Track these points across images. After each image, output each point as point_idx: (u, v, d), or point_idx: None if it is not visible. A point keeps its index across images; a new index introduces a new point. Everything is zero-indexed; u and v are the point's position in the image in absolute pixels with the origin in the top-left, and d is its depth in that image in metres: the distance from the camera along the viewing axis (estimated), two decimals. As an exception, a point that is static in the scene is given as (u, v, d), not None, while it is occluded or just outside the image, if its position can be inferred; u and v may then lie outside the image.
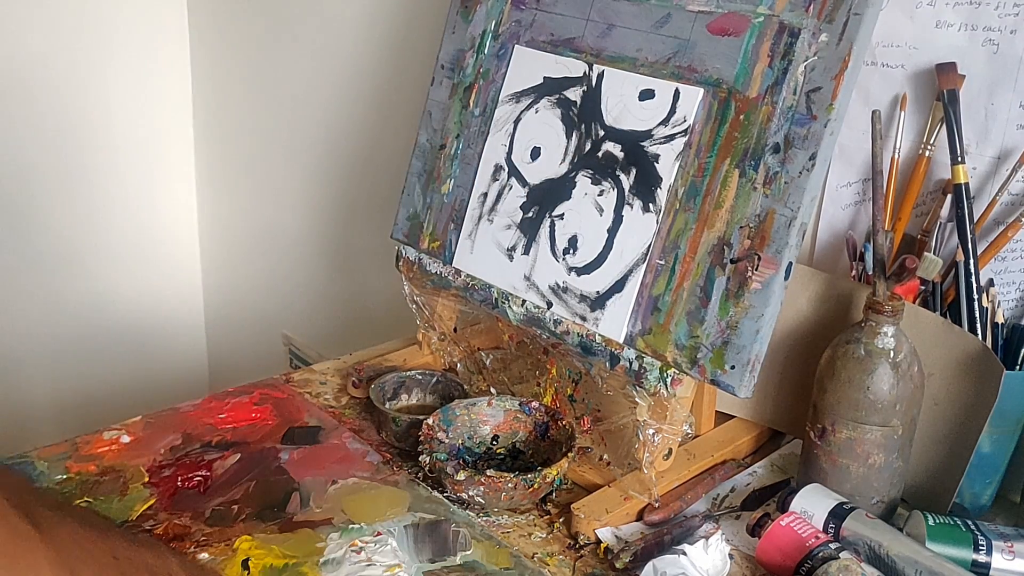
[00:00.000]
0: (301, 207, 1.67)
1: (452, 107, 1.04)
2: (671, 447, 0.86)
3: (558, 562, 0.79)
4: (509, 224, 0.97)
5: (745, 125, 0.82)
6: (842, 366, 0.79)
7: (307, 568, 0.75)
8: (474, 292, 0.99)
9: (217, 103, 1.85)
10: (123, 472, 0.87)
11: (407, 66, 1.38)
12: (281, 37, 1.62)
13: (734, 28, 0.84)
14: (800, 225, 0.78)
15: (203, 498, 0.84)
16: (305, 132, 1.62)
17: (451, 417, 0.90)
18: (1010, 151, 0.86)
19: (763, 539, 0.76)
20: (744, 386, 0.79)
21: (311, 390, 1.03)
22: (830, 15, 0.78)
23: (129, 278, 1.90)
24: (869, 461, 0.80)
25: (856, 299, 0.88)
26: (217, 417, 0.96)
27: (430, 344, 1.08)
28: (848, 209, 0.98)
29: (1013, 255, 0.87)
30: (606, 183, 0.90)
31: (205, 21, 1.81)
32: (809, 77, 0.79)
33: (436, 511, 0.83)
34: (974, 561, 0.74)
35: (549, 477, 0.83)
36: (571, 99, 0.94)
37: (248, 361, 1.89)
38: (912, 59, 0.91)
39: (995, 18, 0.85)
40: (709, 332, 0.81)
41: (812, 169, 0.78)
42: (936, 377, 0.83)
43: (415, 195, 1.07)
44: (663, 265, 0.85)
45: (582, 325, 0.90)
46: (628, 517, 0.83)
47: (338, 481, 0.87)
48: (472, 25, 1.04)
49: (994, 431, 0.81)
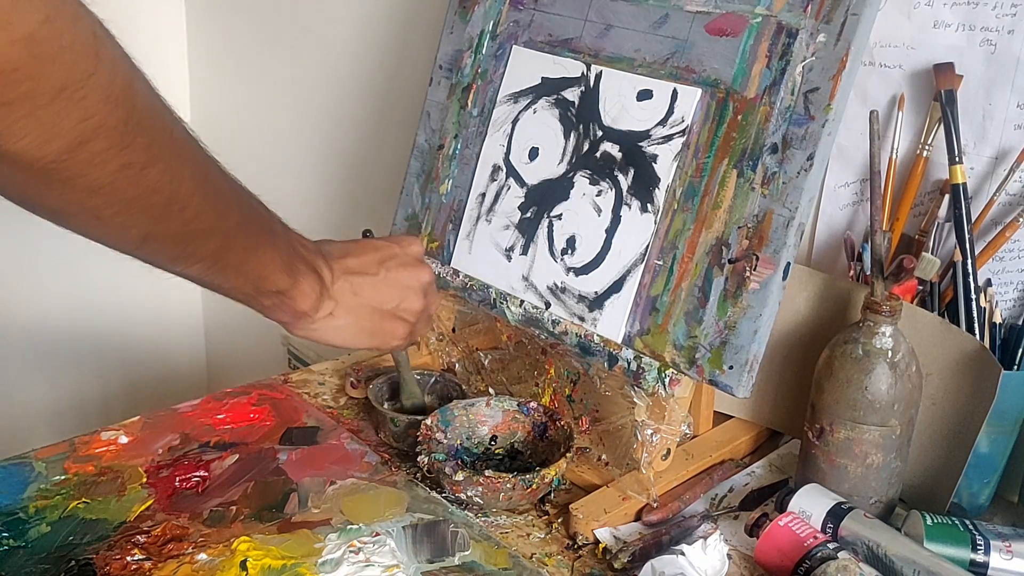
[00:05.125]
0: (299, 207, 1.67)
1: (450, 107, 1.04)
2: (669, 447, 0.86)
3: (556, 562, 0.79)
4: (507, 224, 0.97)
5: (743, 125, 0.82)
6: (840, 366, 0.79)
7: (305, 569, 0.75)
8: (472, 292, 0.99)
9: (215, 104, 1.85)
10: (121, 472, 0.86)
11: (405, 66, 1.38)
12: (279, 37, 1.62)
13: (732, 28, 0.84)
14: (798, 225, 0.78)
15: (201, 499, 0.84)
16: (303, 132, 1.62)
17: (449, 417, 0.90)
18: (1008, 151, 0.86)
19: (761, 539, 0.76)
20: (742, 386, 0.79)
21: (309, 390, 1.03)
22: (828, 15, 0.78)
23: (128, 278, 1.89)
24: (867, 461, 0.80)
25: (854, 299, 0.88)
26: (215, 418, 0.96)
27: (428, 344, 1.08)
28: (846, 209, 0.98)
29: (1011, 255, 0.87)
30: (604, 183, 0.90)
31: (202, 22, 1.81)
32: (807, 77, 0.79)
33: (434, 511, 0.83)
34: (972, 561, 0.74)
35: (547, 477, 0.83)
36: (569, 99, 0.94)
37: (246, 362, 1.89)
38: (910, 59, 0.91)
39: (993, 18, 0.85)
40: (707, 332, 0.81)
41: (810, 169, 0.78)
42: (934, 377, 0.83)
43: (413, 195, 1.07)
44: (661, 265, 0.85)
45: (580, 325, 0.90)
46: (626, 517, 0.83)
47: (336, 482, 0.87)
48: (470, 25, 1.04)
49: (992, 431, 0.81)
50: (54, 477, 0.85)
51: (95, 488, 0.84)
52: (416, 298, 0.82)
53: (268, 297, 0.71)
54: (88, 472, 0.86)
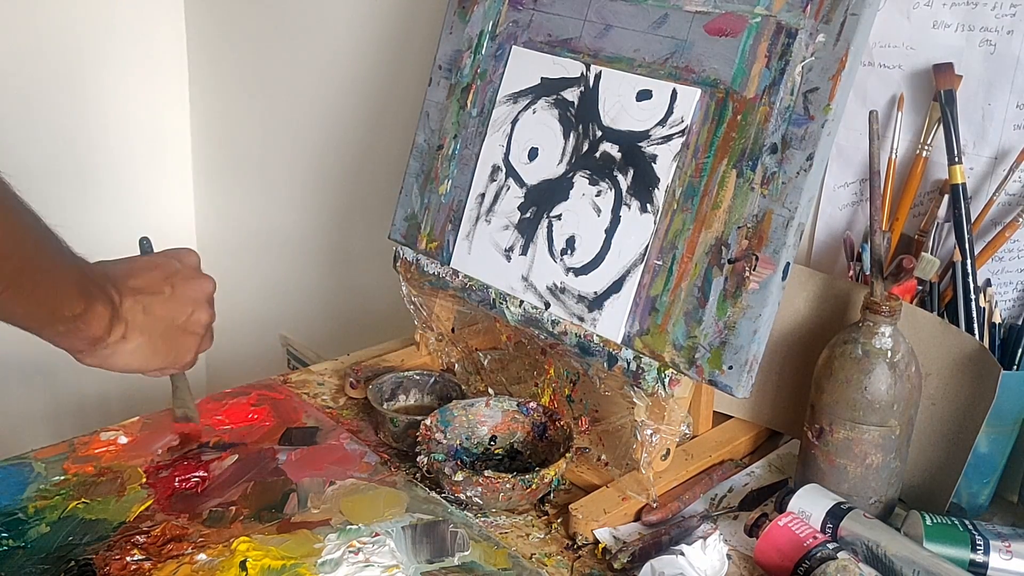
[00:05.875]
0: (298, 207, 1.67)
1: (450, 108, 1.04)
2: (669, 447, 0.86)
3: (556, 563, 0.79)
4: (507, 225, 0.97)
5: (743, 125, 0.82)
6: (840, 366, 0.79)
7: (305, 569, 0.75)
8: (472, 293, 0.99)
9: (214, 104, 1.85)
10: (121, 473, 0.87)
11: (405, 66, 1.38)
12: (278, 37, 1.62)
13: (731, 28, 0.84)
14: (798, 225, 0.78)
15: (201, 499, 0.84)
16: (302, 132, 1.62)
17: (449, 418, 0.90)
18: (1007, 151, 0.86)
19: (761, 539, 0.76)
20: (742, 386, 0.79)
21: (309, 391, 1.03)
22: (827, 15, 0.78)
23: (126, 279, 1.89)
24: (867, 461, 0.80)
25: (854, 299, 0.88)
26: (215, 418, 0.96)
27: (428, 344, 1.08)
28: (846, 209, 0.98)
29: (1010, 255, 0.87)
30: (604, 183, 0.90)
31: (202, 23, 1.81)
32: (806, 77, 0.79)
33: (434, 512, 0.83)
34: (972, 561, 0.74)
35: (547, 478, 0.83)
36: (568, 100, 0.94)
37: (246, 362, 1.89)
38: (909, 59, 0.91)
39: (992, 18, 0.85)
40: (707, 332, 0.81)
41: (809, 169, 0.78)
42: (933, 377, 0.83)
43: (413, 196, 1.07)
44: (661, 265, 0.85)
45: (580, 325, 0.90)
46: (626, 517, 0.83)
47: (336, 482, 0.87)
48: (469, 26, 1.04)
49: (991, 431, 0.81)
50: (53, 477, 0.85)
51: (95, 488, 0.84)
52: (203, 311, 0.83)
53: (63, 323, 0.70)
54: (87, 472, 0.86)
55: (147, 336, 0.78)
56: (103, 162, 1.82)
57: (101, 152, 1.82)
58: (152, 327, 0.78)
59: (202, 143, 1.90)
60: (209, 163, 1.90)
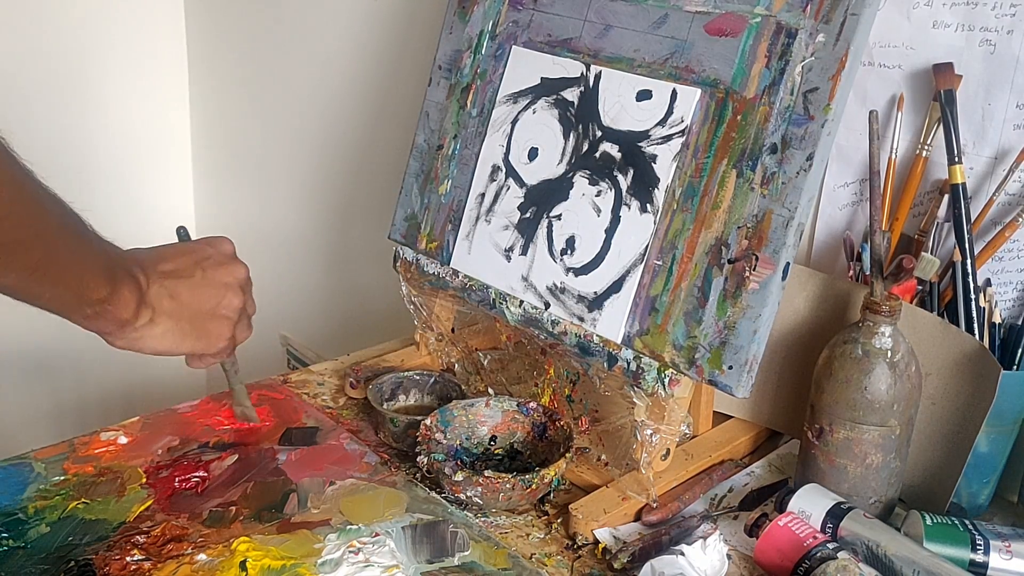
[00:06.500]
0: (298, 207, 1.67)
1: (450, 108, 1.04)
2: (669, 447, 0.86)
3: (556, 563, 0.79)
4: (507, 225, 0.97)
5: (742, 125, 0.82)
6: (840, 366, 0.79)
7: (305, 569, 0.75)
8: (472, 293, 0.99)
9: (214, 103, 1.84)
10: (121, 473, 0.87)
11: (404, 66, 1.38)
12: (278, 37, 1.62)
13: (731, 28, 0.84)
14: (797, 225, 0.78)
15: (201, 499, 0.84)
16: (302, 132, 1.62)
17: (449, 418, 0.90)
18: (1007, 151, 0.86)
19: (761, 539, 0.76)
20: (742, 386, 0.79)
21: (309, 391, 1.03)
22: (827, 15, 0.78)
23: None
24: (867, 461, 0.80)
25: (853, 299, 0.88)
26: (215, 418, 0.96)
27: (428, 345, 1.08)
28: (845, 209, 0.98)
29: (1010, 255, 0.87)
30: (604, 183, 0.90)
31: (202, 23, 1.81)
32: (806, 77, 0.79)
33: (434, 512, 0.83)
34: (972, 561, 0.74)
35: (547, 478, 0.83)
36: (568, 100, 0.94)
37: (246, 362, 1.89)
38: (909, 59, 0.91)
39: (992, 18, 0.85)
40: (707, 332, 0.81)
41: (809, 169, 0.78)
42: (933, 377, 0.83)
43: (412, 196, 1.07)
44: (661, 265, 0.85)
45: (580, 325, 0.90)
46: (626, 517, 0.83)
47: (336, 482, 0.87)
48: (469, 25, 1.04)
49: (991, 431, 0.81)
50: (53, 478, 0.85)
51: (94, 488, 0.84)
52: (235, 295, 0.83)
53: (90, 306, 0.71)
54: (87, 472, 0.86)
55: (175, 320, 0.78)
56: (103, 162, 1.82)
57: (101, 152, 1.82)
58: (180, 311, 0.78)
59: (202, 143, 1.90)
60: (209, 163, 1.90)
